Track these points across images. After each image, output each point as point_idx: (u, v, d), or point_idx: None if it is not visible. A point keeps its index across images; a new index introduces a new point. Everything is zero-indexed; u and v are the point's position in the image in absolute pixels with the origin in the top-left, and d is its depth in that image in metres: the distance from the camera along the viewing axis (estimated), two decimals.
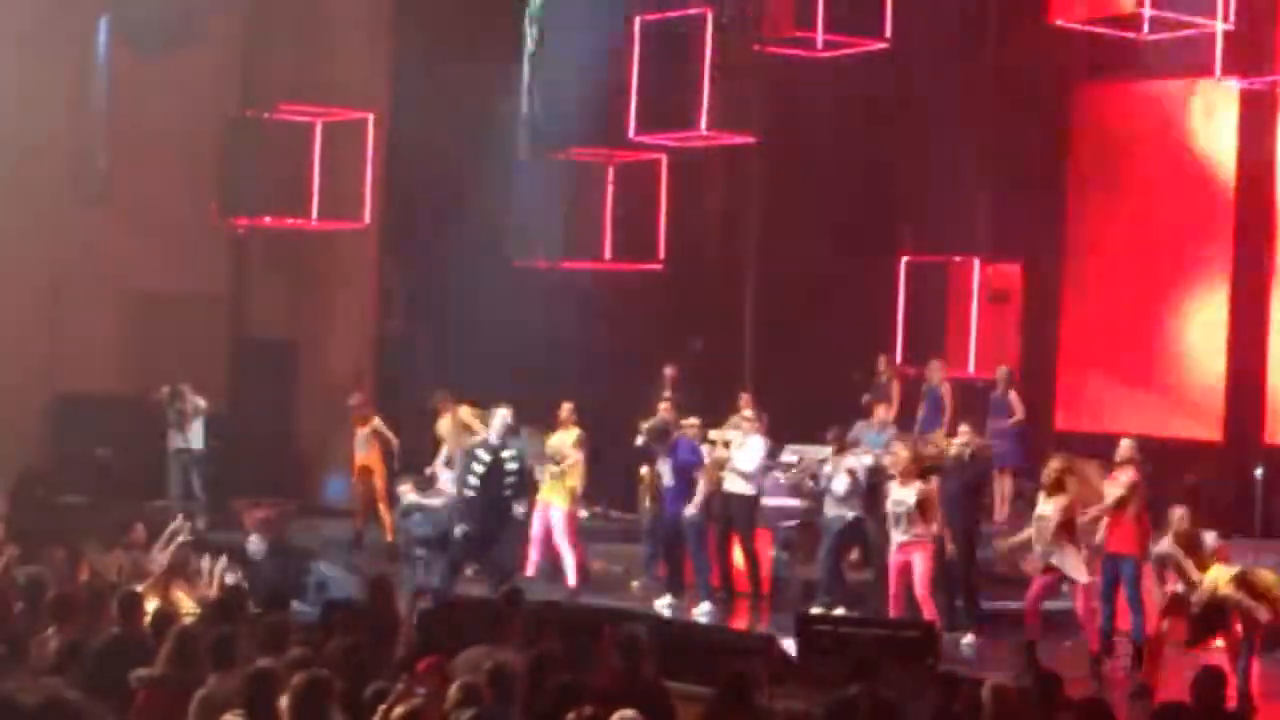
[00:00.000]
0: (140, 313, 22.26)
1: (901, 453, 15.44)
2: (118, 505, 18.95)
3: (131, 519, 16.84)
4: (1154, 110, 19.91)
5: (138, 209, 21.66)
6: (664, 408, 17.52)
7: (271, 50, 22.92)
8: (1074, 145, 20.79)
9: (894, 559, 15.12)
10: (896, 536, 15.07)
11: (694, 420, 17.28)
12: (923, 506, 14.93)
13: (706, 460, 17.13)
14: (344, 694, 8.95)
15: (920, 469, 15.22)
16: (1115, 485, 14.43)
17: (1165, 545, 13.39)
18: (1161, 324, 19.69)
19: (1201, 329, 19.33)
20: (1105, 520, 14.37)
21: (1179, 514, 13.54)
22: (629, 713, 8.69)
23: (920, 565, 14.95)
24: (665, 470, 16.90)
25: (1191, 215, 19.62)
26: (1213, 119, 19.34)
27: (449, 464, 18.35)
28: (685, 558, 16.96)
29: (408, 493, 17.99)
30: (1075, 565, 14.20)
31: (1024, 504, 18.81)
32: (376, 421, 19.56)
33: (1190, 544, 13.36)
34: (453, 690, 9.18)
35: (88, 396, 21.71)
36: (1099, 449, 16.42)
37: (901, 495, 15.05)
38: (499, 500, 16.08)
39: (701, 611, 16.45)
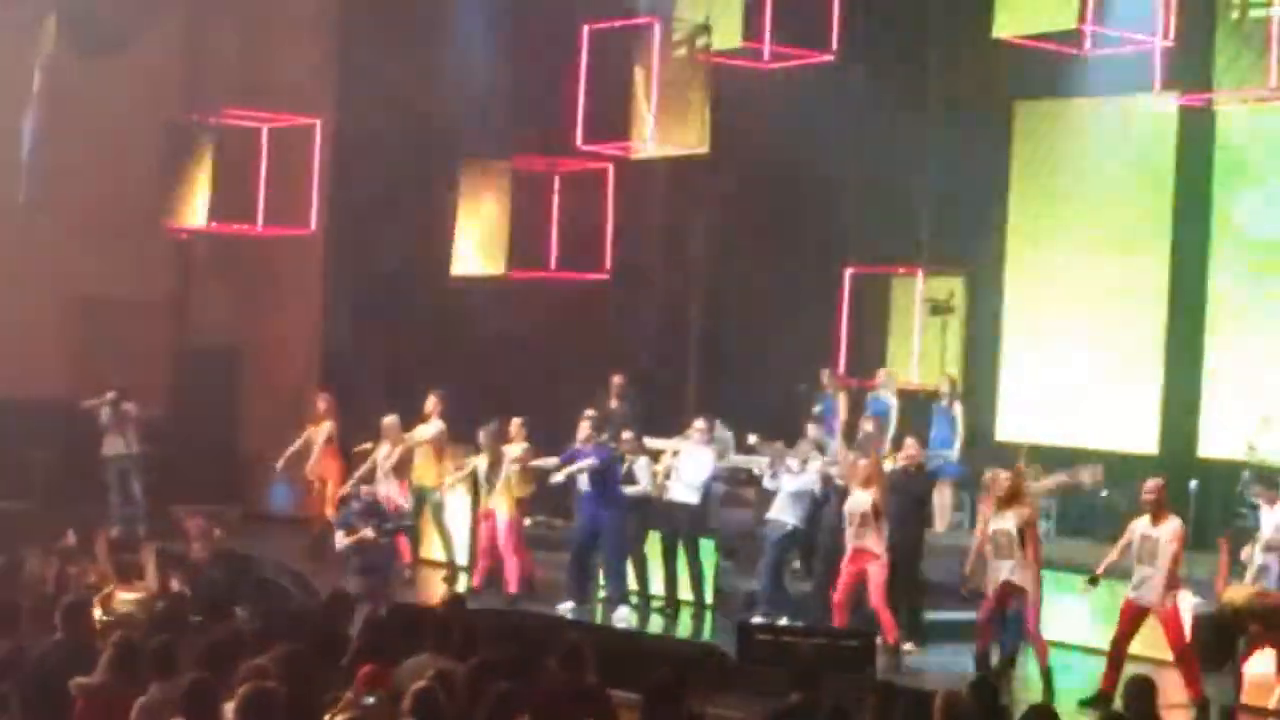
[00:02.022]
0: (83, 318, 22.21)
1: (860, 460, 15.57)
2: (58, 511, 18.90)
3: (69, 525, 16.81)
4: (1094, 125, 20.07)
5: (81, 213, 21.62)
6: (589, 414, 17.52)
7: (217, 55, 22.92)
8: (1015, 159, 20.95)
9: (846, 567, 15.21)
10: (850, 541, 15.16)
11: (629, 434, 17.37)
12: (876, 511, 15.03)
13: (653, 469, 17.25)
14: (289, 702, 8.97)
15: (880, 477, 15.29)
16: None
17: None
18: (1100, 337, 19.86)
19: (1139, 342, 19.51)
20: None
21: None
22: None
23: (874, 577, 15.06)
24: (582, 474, 16.97)
25: (1130, 229, 19.81)
26: (1152, 134, 19.52)
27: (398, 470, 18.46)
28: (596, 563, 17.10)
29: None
30: (1032, 579, 14.28)
31: (964, 515, 19.00)
32: (328, 426, 19.54)
33: None
34: (408, 696, 9.21)
35: (29, 401, 21.63)
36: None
37: (859, 498, 15.16)
38: None
39: (619, 617, 16.51)
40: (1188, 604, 14.46)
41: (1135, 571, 13.80)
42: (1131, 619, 13.89)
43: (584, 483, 16.94)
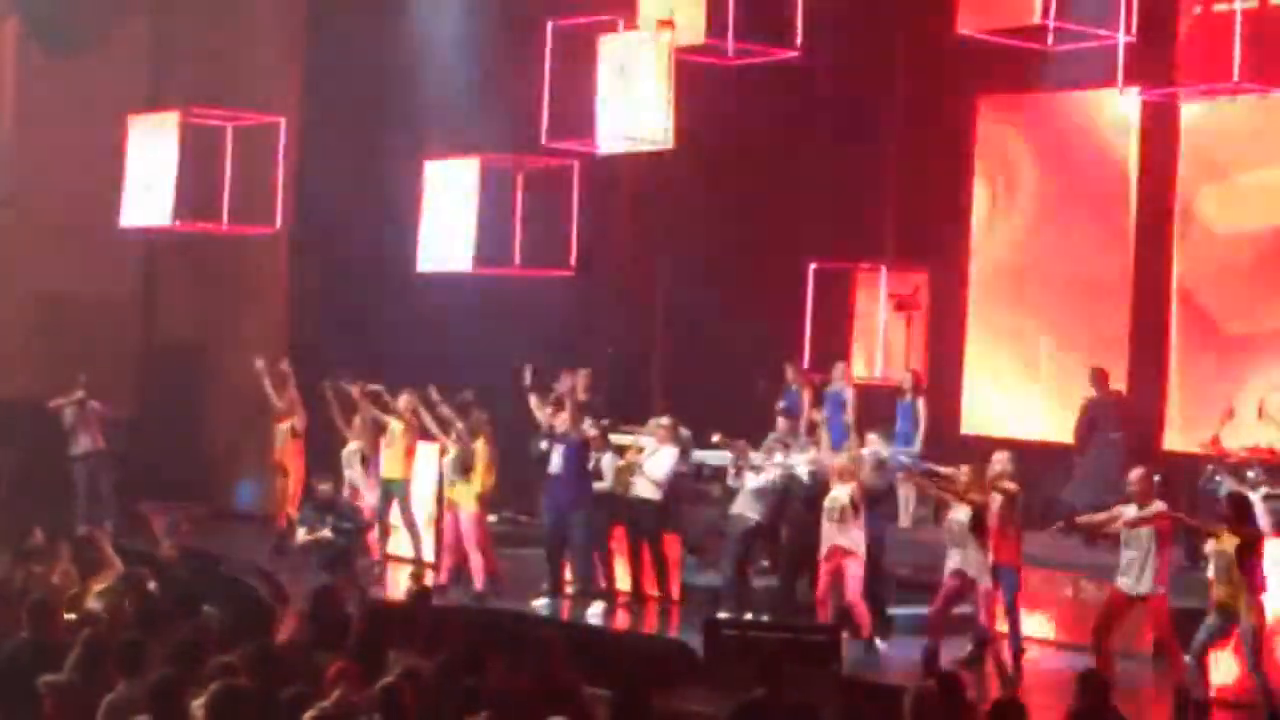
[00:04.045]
0: (48, 316, 22.15)
1: (839, 456, 15.60)
2: (24, 510, 18.85)
3: (35, 525, 16.77)
4: (1057, 121, 20.18)
5: (46, 212, 21.58)
6: (549, 414, 17.49)
7: (182, 53, 22.88)
8: (979, 154, 21.04)
9: (825, 563, 15.21)
10: (830, 536, 15.16)
11: (593, 430, 17.37)
12: (855, 506, 15.05)
13: (618, 463, 17.29)
14: (256, 698, 8.98)
15: (854, 472, 15.29)
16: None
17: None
18: (1063, 332, 19.96)
19: (1102, 337, 19.61)
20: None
21: None
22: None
23: (851, 571, 15.06)
24: (556, 457, 16.96)
25: (1093, 224, 19.91)
26: (1115, 130, 19.63)
27: (364, 461, 18.51)
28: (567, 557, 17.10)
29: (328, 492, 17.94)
30: (981, 569, 14.37)
31: (928, 510, 19.06)
32: (297, 421, 19.61)
33: None
34: (377, 691, 9.22)
35: None
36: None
37: (837, 493, 15.17)
38: None
39: (593, 612, 16.53)
40: None
41: (1122, 555, 13.80)
42: (1120, 608, 13.92)
43: (557, 465, 16.91)
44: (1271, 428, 16.47)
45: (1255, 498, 14.66)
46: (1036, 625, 15.80)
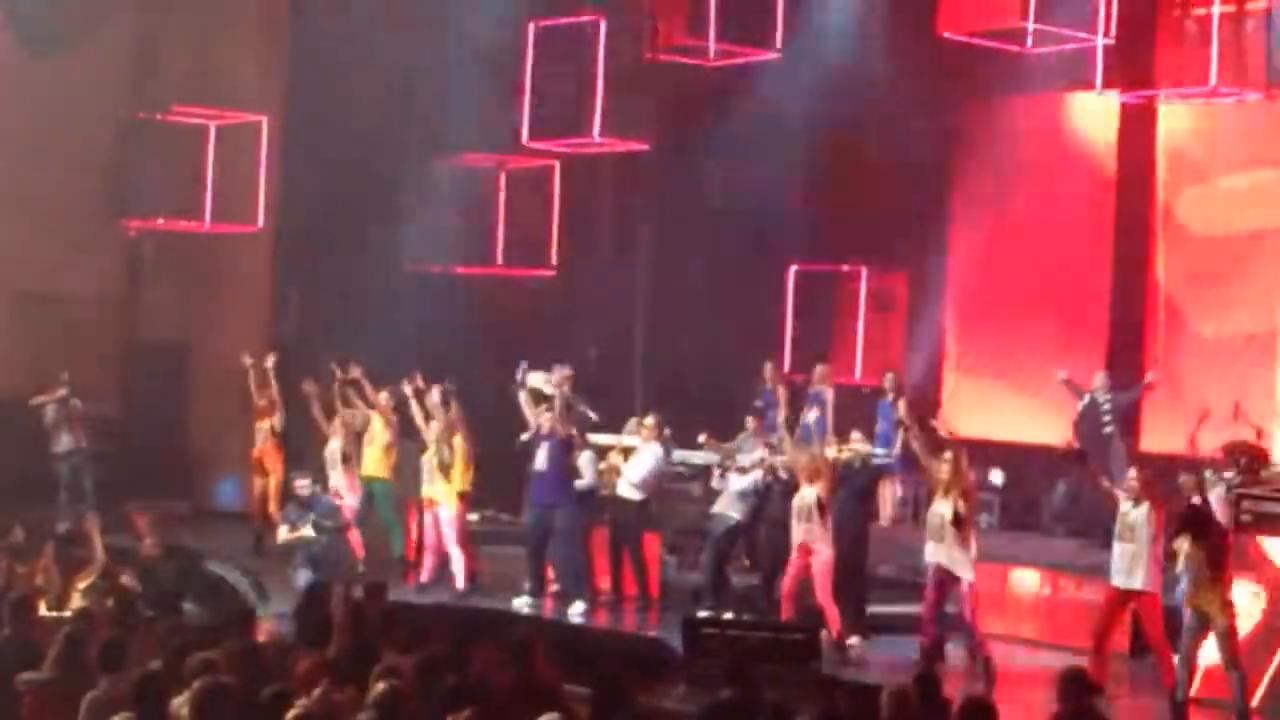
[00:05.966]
0: (31, 314, 22.13)
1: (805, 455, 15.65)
2: (6, 508, 18.84)
3: (16, 522, 16.77)
4: (1037, 122, 20.25)
5: (30, 210, 21.56)
6: (547, 417, 17.53)
7: (166, 52, 22.87)
8: (959, 156, 21.12)
9: (794, 561, 15.28)
10: (797, 535, 15.22)
11: (573, 430, 17.42)
12: (822, 506, 15.10)
13: (601, 466, 17.33)
14: (239, 695, 9.01)
15: (828, 471, 15.33)
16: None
17: None
18: (1043, 333, 20.04)
19: (1082, 338, 19.69)
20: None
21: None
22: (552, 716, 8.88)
23: (819, 570, 15.11)
24: (540, 454, 17.00)
25: (1072, 226, 19.99)
26: (1093, 132, 19.71)
27: (346, 460, 18.54)
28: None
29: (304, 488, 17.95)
30: (964, 564, 14.41)
31: (909, 509, 19.17)
32: (277, 420, 19.64)
33: None
34: (373, 691, 9.24)
35: None
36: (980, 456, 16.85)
37: (805, 493, 15.20)
38: None
39: (575, 612, 16.59)
40: None
41: (1115, 548, 13.79)
42: (1115, 606, 13.93)
43: (541, 461, 16.94)
44: (1246, 428, 16.55)
45: (1215, 495, 14.64)
46: (1021, 624, 15.85)
